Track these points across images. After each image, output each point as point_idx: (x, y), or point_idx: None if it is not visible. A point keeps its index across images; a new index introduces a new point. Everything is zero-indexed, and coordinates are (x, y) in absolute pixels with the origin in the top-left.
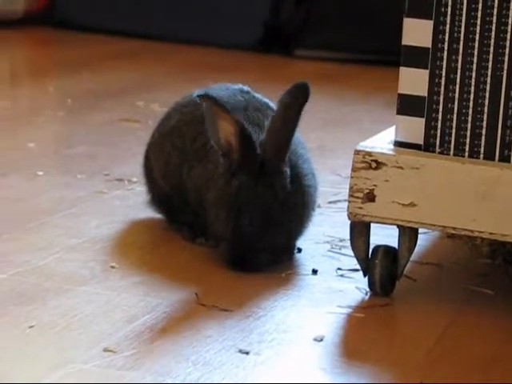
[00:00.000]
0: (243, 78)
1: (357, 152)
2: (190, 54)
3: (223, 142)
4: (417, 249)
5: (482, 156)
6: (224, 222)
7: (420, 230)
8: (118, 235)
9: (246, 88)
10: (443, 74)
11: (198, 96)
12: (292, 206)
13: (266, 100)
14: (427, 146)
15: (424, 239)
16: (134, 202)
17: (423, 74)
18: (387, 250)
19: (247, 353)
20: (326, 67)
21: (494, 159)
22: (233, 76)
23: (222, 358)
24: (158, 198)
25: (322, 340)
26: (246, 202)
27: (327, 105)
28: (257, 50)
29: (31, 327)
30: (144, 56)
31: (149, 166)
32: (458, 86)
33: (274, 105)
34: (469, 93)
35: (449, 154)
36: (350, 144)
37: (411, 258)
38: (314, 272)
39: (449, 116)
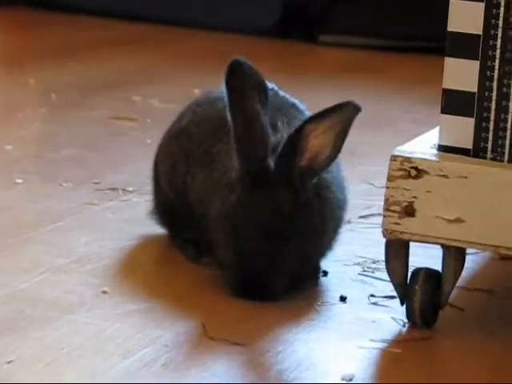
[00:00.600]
0: (259, 68)
1: (393, 158)
2: (197, 41)
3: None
4: (464, 272)
5: None
6: (223, 242)
7: (468, 251)
8: (112, 254)
9: (269, 85)
10: (496, 66)
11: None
12: (304, 221)
13: (294, 100)
14: (477, 151)
15: (473, 261)
16: (129, 216)
17: (473, 66)
18: (429, 273)
19: None
20: (356, 56)
21: None
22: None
23: None
24: (162, 206)
25: (351, 379)
26: (242, 217)
27: (357, 101)
28: (274, 34)
29: (10, 362)
30: (143, 43)
31: (156, 171)
32: None
33: (303, 106)
34: None
35: (503, 161)
36: (384, 148)
37: (457, 284)
38: (343, 299)
39: (503, 116)
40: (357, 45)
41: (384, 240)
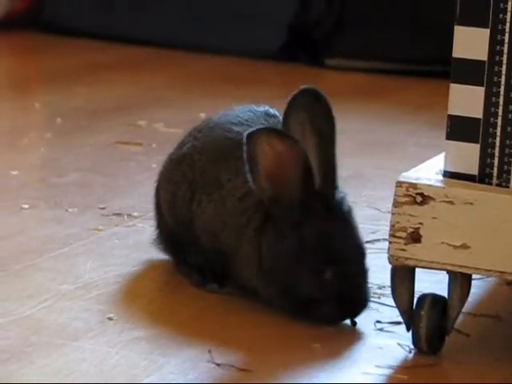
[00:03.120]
0: (263, 93)
1: (399, 184)
2: (202, 64)
3: (266, 183)
4: (470, 298)
5: None
6: (305, 275)
7: (474, 277)
8: (117, 281)
9: (272, 111)
10: (501, 92)
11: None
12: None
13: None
14: (483, 177)
15: (479, 287)
16: (135, 241)
17: (478, 92)
18: (435, 299)
19: None
20: (363, 80)
21: None
22: (251, 90)
23: None
24: (164, 234)
25: None
26: (332, 251)
27: (364, 125)
28: (280, 58)
29: None
30: (147, 66)
31: (158, 198)
32: None
33: None
34: None
35: (508, 187)
36: (390, 172)
37: (463, 310)
38: (353, 324)
39: (508, 142)
40: (363, 68)
41: (390, 266)
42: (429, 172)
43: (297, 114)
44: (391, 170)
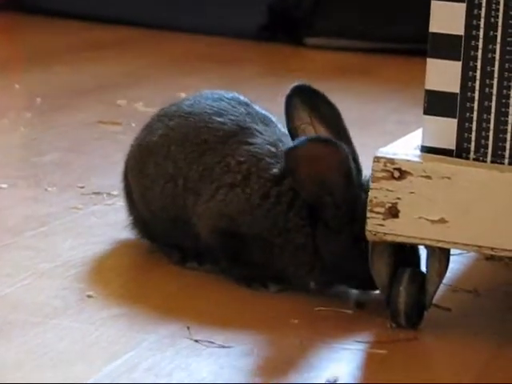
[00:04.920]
0: (245, 71)
1: (376, 159)
2: (183, 44)
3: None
4: (449, 273)
5: None
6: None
7: (453, 251)
8: (96, 259)
9: (242, 98)
10: (478, 67)
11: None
12: None
13: (265, 112)
14: (460, 152)
15: (458, 262)
16: (114, 220)
17: (455, 67)
18: (414, 274)
19: None
20: (343, 58)
21: None
22: (233, 69)
23: None
24: (138, 223)
25: (336, 381)
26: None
27: (344, 103)
28: (260, 38)
29: None
30: (127, 46)
31: (128, 186)
32: (496, 81)
33: (274, 118)
34: (509, 88)
35: (486, 161)
36: (372, 149)
37: (442, 284)
38: (360, 305)
39: (485, 116)
40: (343, 47)
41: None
42: (406, 147)
43: (299, 113)
44: (373, 147)
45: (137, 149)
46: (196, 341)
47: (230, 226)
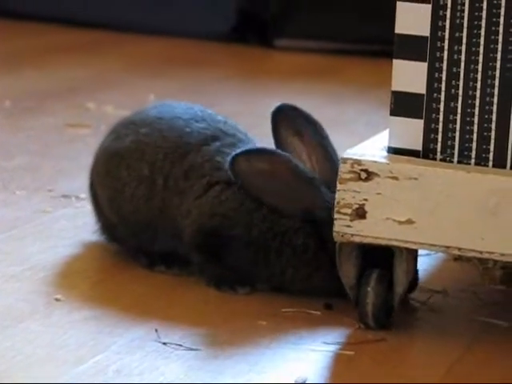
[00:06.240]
0: (214, 73)
1: (343, 160)
2: (153, 46)
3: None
4: (418, 274)
5: (491, 163)
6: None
7: (421, 252)
8: (65, 262)
9: (198, 107)
10: (444, 68)
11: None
12: None
13: (222, 118)
14: (427, 153)
15: (426, 263)
16: (83, 223)
17: (421, 68)
18: (381, 275)
19: None
20: (312, 60)
21: (505, 167)
22: (202, 71)
23: None
24: (106, 228)
25: (304, 382)
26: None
27: (313, 104)
28: (230, 39)
29: None
30: (97, 49)
31: (94, 191)
32: (461, 82)
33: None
34: (475, 89)
35: (452, 162)
36: (340, 151)
37: None
38: (328, 306)
39: (452, 117)
40: (313, 49)
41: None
42: (374, 148)
43: (284, 130)
44: (341, 148)
45: (104, 154)
46: (164, 343)
47: (221, 226)
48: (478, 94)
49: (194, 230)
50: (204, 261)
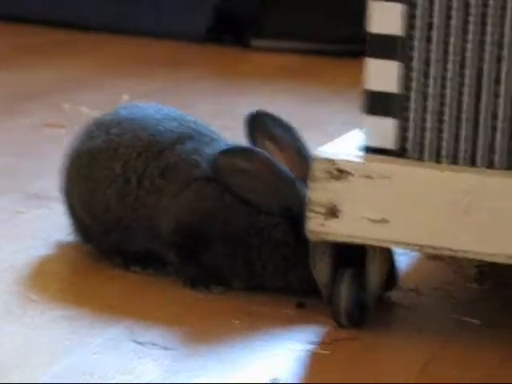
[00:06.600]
0: (191, 74)
1: (316, 159)
2: (126, 47)
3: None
4: None
5: (463, 162)
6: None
7: (395, 251)
8: (39, 262)
9: (175, 112)
10: (416, 67)
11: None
12: None
13: (192, 117)
14: (400, 152)
15: (400, 261)
16: (58, 223)
17: (393, 67)
18: (355, 274)
19: None
20: (290, 60)
21: (477, 165)
22: (178, 71)
23: None
24: (81, 228)
25: (277, 381)
26: None
27: (290, 105)
28: (206, 40)
29: None
30: (72, 49)
31: (67, 192)
32: (433, 81)
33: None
34: (446, 88)
35: (425, 160)
36: (315, 150)
37: None
38: (301, 305)
39: (424, 116)
40: (290, 49)
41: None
42: (347, 147)
43: (259, 134)
44: (317, 147)
45: (76, 155)
46: (140, 343)
47: (200, 223)
48: (449, 92)
49: (172, 227)
50: (181, 261)
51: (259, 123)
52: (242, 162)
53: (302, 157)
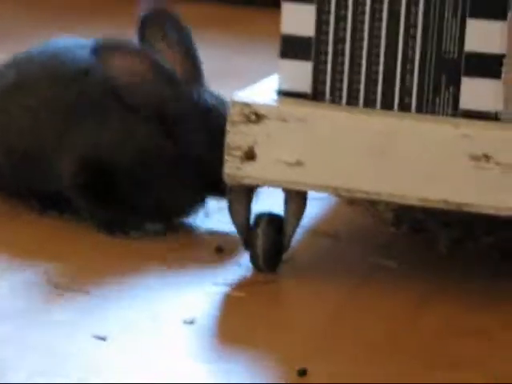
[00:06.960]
0: (110, 25)
1: (233, 103)
2: None
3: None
4: (310, 218)
5: (378, 105)
6: None
7: (314, 196)
8: None
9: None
10: (332, 11)
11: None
12: None
13: None
14: (316, 95)
15: (319, 207)
16: None
17: (309, 11)
18: (271, 217)
19: (104, 339)
20: (212, 9)
21: (392, 108)
22: (95, 22)
23: (75, 345)
24: None
25: (192, 323)
26: None
27: (214, 55)
28: None
29: None
30: None
31: None
32: (348, 24)
33: None
34: (362, 31)
35: (340, 104)
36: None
37: (303, 228)
38: (220, 250)
39: (339, 59)
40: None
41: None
42: (264, 91)
43: (151, 30)
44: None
45: None
46: (55, 286)
47: (103, 157)
48: (365, 36)
49: (74, 168)
50: (90, 205)
51: (154, 21)
52: (124, 58)
53: (191, 58)
